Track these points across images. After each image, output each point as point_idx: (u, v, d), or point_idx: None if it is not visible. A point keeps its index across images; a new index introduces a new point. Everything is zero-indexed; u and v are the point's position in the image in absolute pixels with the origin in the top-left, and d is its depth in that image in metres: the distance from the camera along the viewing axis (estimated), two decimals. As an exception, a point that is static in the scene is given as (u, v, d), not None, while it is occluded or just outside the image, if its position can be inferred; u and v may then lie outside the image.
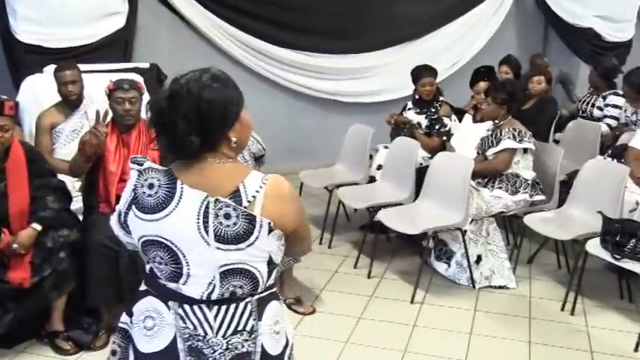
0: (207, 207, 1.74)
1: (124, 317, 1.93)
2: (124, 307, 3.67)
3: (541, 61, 6.94)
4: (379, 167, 5.38)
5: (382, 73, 7.56)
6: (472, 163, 4.38)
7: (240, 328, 1.81)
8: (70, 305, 3.72)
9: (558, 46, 8.65)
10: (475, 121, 5.02)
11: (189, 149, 1.75)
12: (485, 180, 4.57)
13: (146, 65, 5.74)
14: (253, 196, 1.77)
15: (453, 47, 7.81)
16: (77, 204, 3.97)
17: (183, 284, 1.78)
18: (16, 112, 3.62)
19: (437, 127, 5.27)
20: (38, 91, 5.02)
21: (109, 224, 3.65)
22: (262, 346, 1.84)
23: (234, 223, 1.74)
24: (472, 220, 4.46)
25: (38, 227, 3.53)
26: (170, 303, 1.80)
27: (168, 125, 1.74)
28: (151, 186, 1.78)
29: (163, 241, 1.76)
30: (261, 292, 1.85)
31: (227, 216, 1.74)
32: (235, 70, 6.90)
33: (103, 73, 4.99)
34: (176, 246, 1.76)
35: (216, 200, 1.74)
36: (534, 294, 4.42)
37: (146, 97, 4.19)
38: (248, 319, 1.82)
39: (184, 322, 1.79)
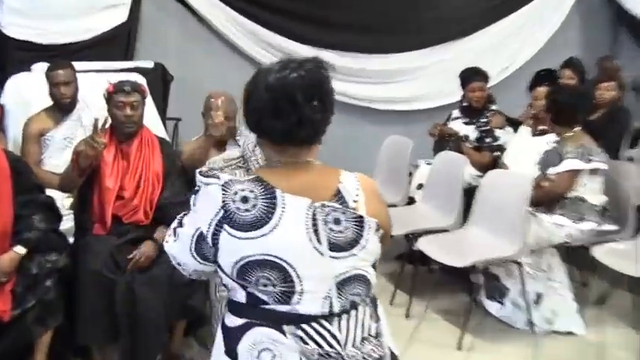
0: (314, 214, 1.85)
1: (222, 358, 1.95)
2: (118, 347, 3.70)
3: (611, 65, 6.83)
4: (420, 186, 5.33)
5: (423, 77, 7.49)
6: (531, 183, 4.29)
7: (366, 334, 1.92)
8: (57, 343, 3.68)
9: (631, 47, 8.53)
10: (534, 133, 4.94)
11: (316, 135, 1.94)
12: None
13: (150, 64, 5.78)
14: (357, 195, 1.93)
15: (506, 47, 7.70)
16: (67, 224, 3.95)
17: (297, 304, 1.84)
18: (1, 117, 3.62)
19: (488, 140, 5.21)
20: (26, 93, 5.05)
21: (104, 248, 3.67)
22: (388, 348, 1.99)
23: (346, 228, 1.88)
24: (531, 252, 4.36)
25: (22, 250, 3.50)
26: (285, 327, 1.85)
27: (309, 118, 1.87)
28: (244, 199, 1.84)
29: (271, 259, 1.82)
30: (371, 295, 1.99)
31: (337, 221, 1.87)
32: (251, 68, 6.85)
33: (101, 73, 5.02)
34: (287, 262, 1.82)
35: (323, 205, 1.87)
36: (607, 342, 4.30)
37: (149, 102, 4.20)
38: (371, 322, 1.95)
39: (307, 344, 1.85)
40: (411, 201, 5.35)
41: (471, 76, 5.36)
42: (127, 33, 6.22)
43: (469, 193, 4.82)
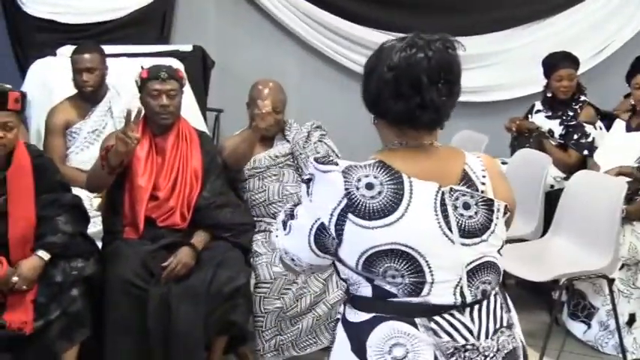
0: (442, 199, 1.96)
1: (350, 357, 2.02)
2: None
3: None
4: (495, 189, 5.31)
5: (500, 63, 7.40)
6: (625, 187, 4.27)
7: (498, 325, 2.03)
8: (83, 357, 3.78)
9: None
10: (630, 129, 4.89)
11: (440, 120, 2.04)
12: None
13: (188, 48, 5.84)
14: (484, 177, 2.05)
15: (600, 28, 7.58)
16: (96, 227, 4.06)
17: (428, 294, 1.95)
18: (23, 107, 3.72)
19: (576, 136, 5.18)
20: (50, 79, 5.16)
21: (135, 254, 3.76)
22: (521, 340, 2.12)
23: (476, 213, 1.99)
24: (623, 266, 4.35)
25: (45, 256, 3.61)
26: (417, 320, 1.96)
27: (435, 101, 1.96)
28: (369, 186, 1.93)
29: (401, 248, 1.92)
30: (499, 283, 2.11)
31: (466, 206, 1.99)
32: (305, 55, 6.98)
33: (134, 58, 5.11)
34: (417, 251, 1.92)
35: (451, 189, 1.98)
36: None
37: (188, 90, 4.27)
38: (502, 312, 2.07)
39: (440, 337, 1.95)
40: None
41: (558, 61, 5.30)
42: (162, 12, 6.30)
43: (552, 197, 4.82)
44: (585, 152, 5.11)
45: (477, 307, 2.00)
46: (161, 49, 5.73)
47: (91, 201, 4.27)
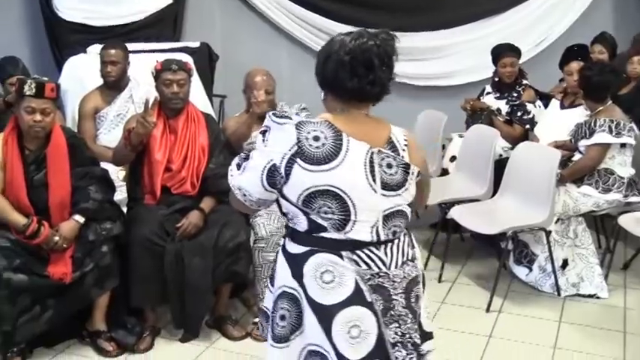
0: (371, 157, 2.08)
1: (290, 282, 2.16)
2: (169, 308, 3.81)
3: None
4: (453, 158, 5.35)
5: (457, 53, 7.37)
6: (558, 155, 4.30)
7: (405, 258, 2.19)
8: (113, 304, 3.83)
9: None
10: (563, 107, 4.92)
11: (380, 94, 2.15)
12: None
13: (196, 44, 5.83)
14: (405, 146, 2.17)
15: (538, 24, 7.57)
16: (121, 195, 4.08)
17: (350, 231, 2.08)
18: (58, 95, 3.72)
19: (519, 113, 5.19)
20: (82, 73, 5.16)
21: (154, 217, 3.77)
22: (422, 270, 2.28)
23: (395, 172, 2.12)
24: (558, 220, 4.38)
25: (80, 219, 3.65)
26: (342, 253, 2.10)
27: (380, 78, 2.09)
28: (316, 138, 2.05)
29: (334, 189, 2.04)
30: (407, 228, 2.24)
31: (389, 165, 2.11)
32: (295, 50, 6.94)
33: (151, 53, 5.10)
34: (346, 194, 2.05)
35: (379, 151, 2.10)
36: (629, 305, 4.30)
37: (196, 80, 4.27)
38: (408, 249, 2.22)
39: (360, 266, 2.10)
40: (444, 172, 5.37)
41: (503, 51, 5.32)
42: (174, 14, 6.23)
43: (500, 164, 4.81)
44: (527, 126, 5.13)
45: (389, 244, 2.15)
46: (173, 46, 5.72)
47: (117, 173, 4.29)
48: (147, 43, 5.63)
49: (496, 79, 5.39)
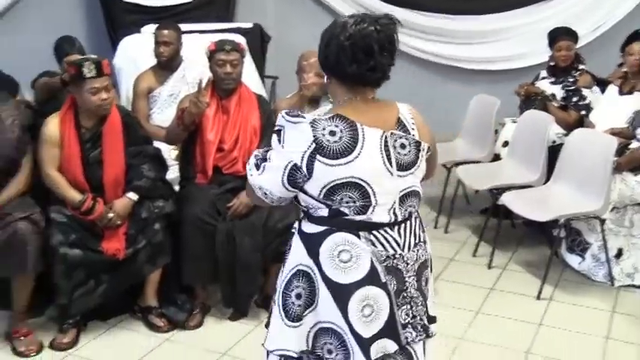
0: (386, 141, 2.11)
1: (305, 260, 2.17)
2: (219, 286, 3.86)
3: None
4: (505, 144, 5.29)
5: (511, 37, 7.31)
6: (615, 142, 4.23)
7: (417, 240, 2.23)
8: (165, 280, 3.90)
9: None
10: (622, 93, 4.82)
11: (382, 79, 2.15)
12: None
13: (249, 25, 5.87)
14: (413, 124, 2.19)
15: (597, 7, 7.44)
16: (173, 174, 4.14)
17: (371, 214, 2.11)
18: (110, 74, 3.80)
19: (575, 99, 5.11)
20: (136, 53, 5.25)
21: (205, 196, 3.81)
22: (429, 253, 2.31)
23: (409, 151, 2.15)
24: (613, 208, 4.31)
25: (134, 197, 3.72)
26: (360, 233, 2.12)
27: (380, 64, 2.08)
28: (332, 133, 2.06)
29: (355, 180, 2.06)
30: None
31: (402, 146, 2.14)
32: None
33: (204, 34, 5.15)
34: (366, 182, 2.07)
35: (392, 133, 2.13)
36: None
37: (248, 59, 4.30)
38: (419, 231, 2.25)
39: (376, 246, 2.13)
40: (496, 158, 5.32)
41: (559, 35, 5.24)
42: (227, -6, 6.33)
43: (554, 151, 4.75)
44: (583, 112, 5.04)
45: (403, 225, 2.17)
46: (226, 27, 5.76)
47: (170, 152, 4.34)
48: (200, 24, 5.67)
49: (552, 64, 5.32)
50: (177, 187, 4.08)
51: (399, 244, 2.16)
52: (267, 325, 2.32)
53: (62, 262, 3.58)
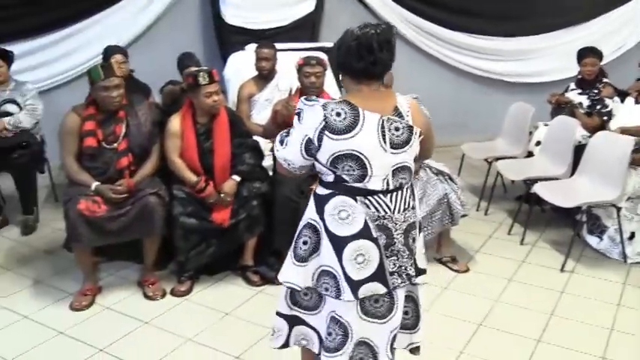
0: (382, 124, 2.13)
1: (314, 216, 2.24)
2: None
3: None
4: (538, 143, 5.19)
5: (546, 56, 7.19)
6: (632, 143, 4.11)
7: (407, 206, 2.23)
8: (259, 245, 3.97)
9: None
10: (637, 102, 4.67)
11: (383, 72, 2.17)
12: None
13: (330, 45, 5.84)
14: (408, 111, 2.19)
15: (619, 31, 7.24)
16: (268, 162, 4.18)
17: (367, 182, 2.14)
18: (221, 81, 3.90)
19: (598, 107, 4.96)
20: (241, 66, 5.31)
21: (293, 180, 3.85)
22: (419, 217, 2.32)
23: (402, 133, 2.15)
24: (628, 198, 4.19)
25: (237, 179, 3.80)
26: (358, 197, 2.15)
27: (380, 59, 2.12)
28: (338, 114, 2.10)
29: (355, 153, 2.11)
30: (411, 182, 2.27)
31: (397, 129, 2.15)
32: (408, 50, 6.90)
33: (294, 51, 5.19)
34: (364, 155, 2.11)
35: (388, 118, 2.14)
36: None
37: (329, 72, 4.32)
38: (410, 199, 2.25)
39: (370, 209, 2.15)
40: (529, 154, 5.22)
41: (586, 53, 5.12)
42: (313, 21, 6.31)
43: (579, 149, 4.64)
44: (605, 118, 4.89)
45: (395, 193, 2.18)
46: (312, 46, 5.78)
47: (265, 145, 4.38)
48: (291, 43, 5.72)
49: (579, 77, 5.19)
50: (271, 173, 4.14)
51: (390, 208, 2.18)
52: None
53: (181, 229, 3.70)
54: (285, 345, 2.44)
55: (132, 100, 3.81)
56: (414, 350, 2.47)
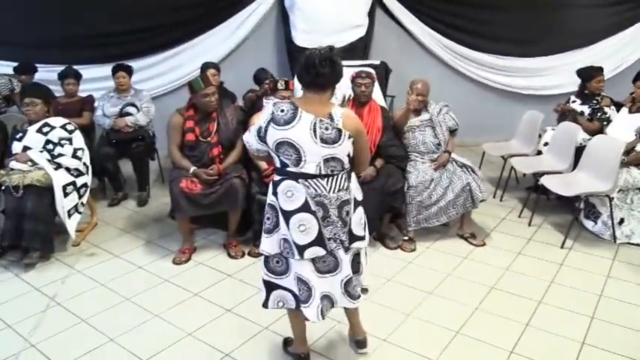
0: (315, 124, 2.22)
1: (271, 197, 2.34)
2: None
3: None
4: (545, 144, 5.05)
5: (554, 73, 6.96)
6: (623, 145, 3.97)
7: (340, 187, 2.28)
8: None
9: None
10: (631, 112, 4.50)
11: (326, 84, 2.22)
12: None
13: (377, 62, 5.83)
14: (339, 118, 2.24)
15: (616, 54, 6.94)
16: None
17: (302, 167, 2.24)
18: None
19: (598, 114, 4.78)
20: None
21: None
22: (354, 197, 2.34)
23: (330, 133, 2.22)
24: (619, 190, 4.05)
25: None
26: (299, 180, 2.26)
27: (321, 73, 2.18)
28: (282, 110, 2.24)
29: (291, 141, 2.22)
30: (346, 170, 2.31)
31: (326, 128, 2.22)
32: (439, 67, 6.81)
33: (349, 67, 5.18)
34: (298, 144, 2.22)
35: (321, 120, 2.22)
36: (669, 253, 3.92)
37: (376, 84, 4.32)
38: (343, 182, 2.29)
39: (309, 189, 2.25)
40: (539, 153, 5.08)
41: (597, 72, 4.91)
42: (364, 43, 6.28)
43: (579, 150, 4.49)
44: (604, 123, 4.72)
45: (329, 178, 2.26)
46: (363, 63, 5.72)
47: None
48: (346, 61, 5.64)
49: (586, 92, 4.98)
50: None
51: (325, 188, 2.25)
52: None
53: (257, 204, 3.74)
54: (265, 305, 2.50)
55: (222, 104, 3.90)
56: (364, 290, 2.54)
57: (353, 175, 2.38)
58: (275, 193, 2.32)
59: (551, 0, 6.75)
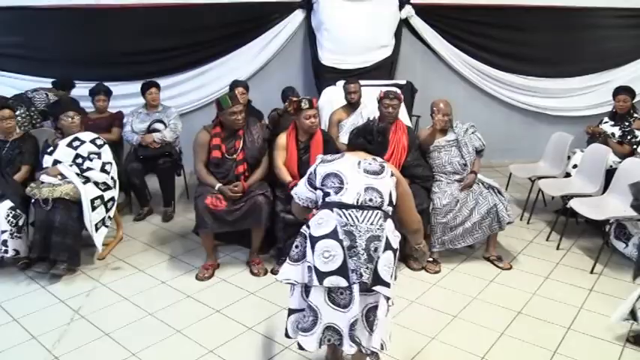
0: (359, 162, 2.41)
1: (304, 227, 2.37)
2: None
3: None
4: (574, 166, 4.96)
5: (583, 94, 6.85)
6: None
7: (373, 222, 2.27)
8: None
9: None
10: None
11: (370, 153, 2.50)
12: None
13: (403, 82, 5.84)
14: (382, 160, 2.48)
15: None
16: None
17: (342, 195, 2.32)
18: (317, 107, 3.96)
19: (629, 137, 4.71)
20: (332, 97, 5.32)
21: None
22: (386, 237, 2.27)
23: (373, 166, 2.40)
24: (652, 214, 3.95)
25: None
26: (334, 209, 2.30)
27: (375, 140, 2.51)
28: (330, 154, 2.53)
29: (336, 172, 2.38)
30: (385, 211, 2.33)
31: (370, 163, 2.41)
32: (468, 88, 6.78)
33: (375, 87, 5.21)
34: (342, 173, 2.37)
35: (365, 158, 2.44)
36: None
37: (403, 105, 4.31)
38: (378, 219, 2.28)
39: (341, 218, 2.27)
40: (567, 175, 5.00)
41: (619, 90, 4.92)
42: (390, 62, 6.29)
43: (610, 172, 4.41)
44: (634, 147, 4.63)
45: (365, 210, 2.29)
46: (389, 82, 5.75)
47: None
48: (373, 80, 5.72)
49: (614, 111, 4.94)
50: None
51: (357, 219, 2.25)
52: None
53: (281, 222, 3.75)
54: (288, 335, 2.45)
55: (248, 122, 3.94)
56: (373, 354, 2.31)
57: (391, 220, 2.34)
58: (308, 224, 2.34)
59: (582, 21, 6.69)
